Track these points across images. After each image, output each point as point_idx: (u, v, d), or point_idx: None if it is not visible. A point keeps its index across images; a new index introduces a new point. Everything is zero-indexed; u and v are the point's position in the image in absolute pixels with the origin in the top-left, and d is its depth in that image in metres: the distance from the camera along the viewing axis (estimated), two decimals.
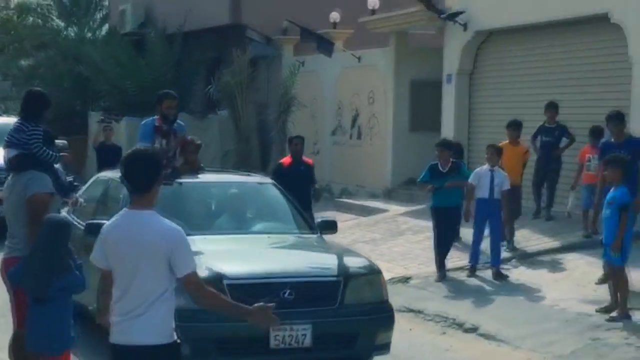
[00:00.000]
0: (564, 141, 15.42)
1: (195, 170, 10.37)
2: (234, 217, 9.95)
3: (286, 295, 7.48)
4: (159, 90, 12.31)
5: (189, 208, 9.62)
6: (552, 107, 15.97)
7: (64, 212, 10.06)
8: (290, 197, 10.59)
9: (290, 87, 25.14)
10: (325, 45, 24.08)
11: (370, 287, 8.15)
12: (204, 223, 9.44)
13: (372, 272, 8.38)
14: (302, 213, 10.19)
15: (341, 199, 22.41)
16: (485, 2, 19.43)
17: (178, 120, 10.63)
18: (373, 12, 24.14)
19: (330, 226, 9.80)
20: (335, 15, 24.99)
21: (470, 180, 13.53)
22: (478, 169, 13.96)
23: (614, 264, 10.44)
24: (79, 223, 9.28)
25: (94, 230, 7.40)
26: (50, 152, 8.08)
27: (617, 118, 13.02)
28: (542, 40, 18.70)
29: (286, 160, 14.61)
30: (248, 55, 25.77)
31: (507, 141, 14.96)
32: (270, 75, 27.36)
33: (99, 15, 35.46)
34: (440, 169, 13.35)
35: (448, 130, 20.65)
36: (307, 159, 14.87)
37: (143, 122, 10.02)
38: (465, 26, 19.87)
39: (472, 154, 20.30)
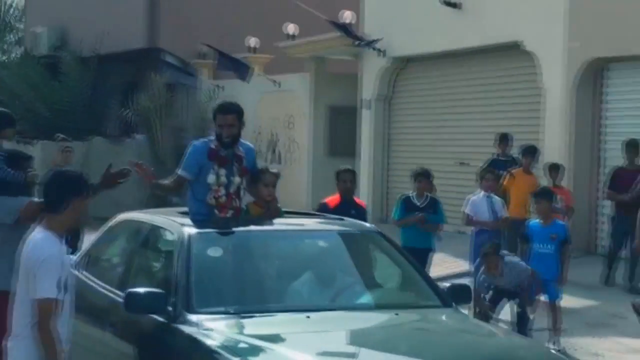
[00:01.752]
0: None
1: (271, 212, 7.17)
2: (341, 286, 6.64)
3: None
4: (74, 113, 11.28)
5: (264, 272, 6.62)
6: (505, 139, 15.18)
7: None
8: (406, 253, 7.61)
9: (208, 111, 25.10)
10: (241, 70, 24.19)
11: None
12: (297, 296, 6.37)
13: None
14: (425, 275, 7.23)
15: None
16: (402, 29, 19.64)
17: (245, 141, 7.35)
18: (292, 37, 24.28)
19: (464, 293, 6.74)
20: (253, 40, 25.13)
21: (467, 210, 12.23)
22: (474, 197, 12.51)
23: (555, 299, 10.30)
24: (104, 288, 6.93)
25: (135, 303, 5.72)
26: (11, 173, 7.29)
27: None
28: (458, 67, 19.01)
29: (333, 200, 10.70)
30: (165, 79, 25.79)
31: (521, 169, 13.92)
32: (188, 100, 27.38)
33: (13, 38, 35.33)
34: (416, 202, 11.53)
35: (365, 155, 20.97)
36: (359, 200, 11.16)
37: (193, 144, 7.27)
38: (383, 53, 20.11)
39: (391, 178, 20.64)
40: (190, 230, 6.42)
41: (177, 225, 6.62)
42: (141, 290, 5.85)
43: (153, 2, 28.71)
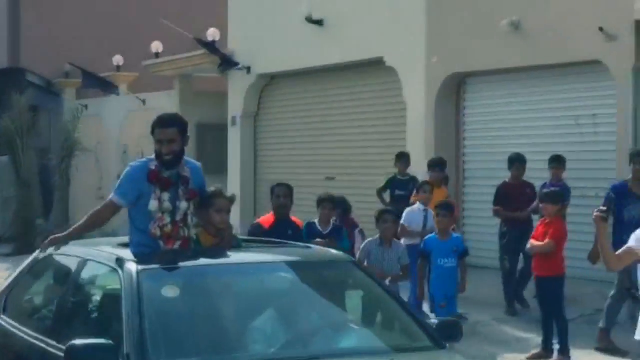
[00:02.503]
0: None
1: (226, 241, 6.43)
2: (315, 329, 5.81)
3: None
4: None
5: (225, 314, 5.72)
6: (402, 158, 14.69)
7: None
8: (385, 285, 7.26)
9: (73, 132, 24.86)
10: (107, 88, 24.48)
11: None
12: (266, 343, 5.49)
13: None
14: (409, 310, 6.25)
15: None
16: (267, 46, 19.76)
17: (190, 160, 6.52)
18: (157, 55, 24.24)
19: (455, 330, 5.91)
20: (118, 59, 25.00)
21: (403, 221, 11.86)
22: (409, 209, 12.28)
23: (457, 313, 10.18)
24: (35, 337, 5.99)
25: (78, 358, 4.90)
26: None
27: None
28: (324, 83, 19.17)
29: (267, 220, 9.87)
30: (27, 99, 25.16)
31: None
32: (52, 120, 27.09)
33: None
34: (320, 229, 10.57)
35: (234, 172, 21.07)
36: (295, 219, 10.16)
37: (130, 165, 6.41)
38: (248, 69, 20.21)
39: (258, 195, 20.61)
40: (138, 266, 5.48)
41: (119, 260, 5.62)
42: (85, 341, 4.87)
43: (15, 21, 28.40)
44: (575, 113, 14.31)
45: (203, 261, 6.05)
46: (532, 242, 10.44)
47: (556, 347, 10.21)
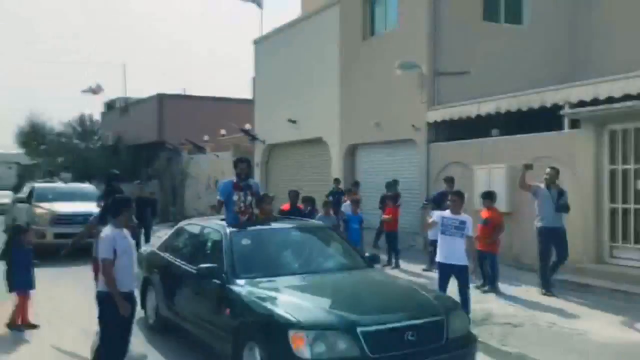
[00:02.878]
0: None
1: (270, 218, 6.93)
2: (315, 258, 6.22)
3: (409, 337, 4.45)
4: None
5: (273, 252, 6.06)
6: (337, 181, 13.87)
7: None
8: (344, 237, 7.69)
9: (186, 169, 25.34)
10: (201, 150, 24.44)
11: (460, 321, 4.92)
12: (293, 265, 5.89)
13: (458, 306, 5.26)
14: (356, 249, 6.81)
15: None
16: (272, 131, 19.53)
17: (253, 179, 7.29)
18: (223, 135, 24.26)
19: (375, 259, 6.52)
20: (206, 137, 24.60)
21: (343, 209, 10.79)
22: (346, 204, 11.02)
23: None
24: (181, 263, 6.44)
25: (203, 273, 5.47)
26: None
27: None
28: (295, 149, 18.58)
29: (285, 206, 9.64)
30: (165, 155, 25.93)
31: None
32: (177, 163, 26.58)
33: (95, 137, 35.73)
34: (303, 212, 9.71)
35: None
36: (300, 206, 9.93)
37: (223, 182, 7.00)
38: (264, 142, 20.24)
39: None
40: (230, 229, 6.00)
41: (222, 226, 6.13)
42: (205, 265, 5.44)
43: (160, 112, 28.67)
44: (404, 162, 14.14)
45: (259, 227, 6.40)
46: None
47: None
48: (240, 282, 5.20)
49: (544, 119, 10.69)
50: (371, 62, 14.94)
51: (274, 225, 6.67)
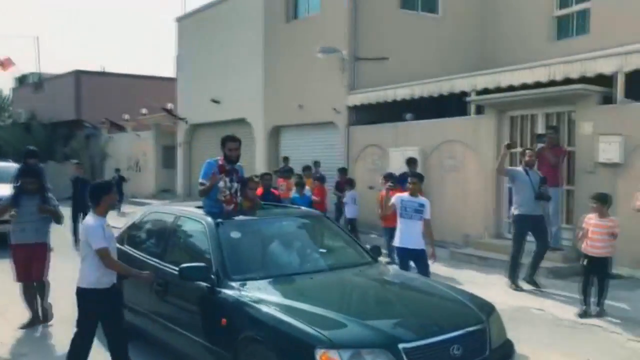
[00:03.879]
0: None
1: (256, 205, 5.71)
2: (316, 252, 5.23)
3: (454, 351, 3.61)
4: None
5: (269, 246, 5.00)
6: (285, 160, 13.83)
7: None
8: (340, 226, 6.55)
9: (104, 148, 24.84)
10: (122, 129, 24.03)
11: (498, 327, 4.13)
12: (293, 261, 4.88)
13: (494, 310, 4.27)
14: (358, 242, 5.61)
15: None
16: (195, 111, 19.39)
17: (238, 163, 5.73)
18: (144, 114, 23.36)
19: (377, 251, 5.45)
20: (126, 116, 24.18)
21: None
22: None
23: None
24: (151, 260, 5.19)
25: (187, 274, 4.34)
26: None
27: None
28: (218, 129, 16.40)
29: (259, 191, 7.75)
30: (84, 134, 25.29)
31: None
32: (95, 143, 26.20)
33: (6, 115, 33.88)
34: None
35: (179, 168, 20.51)
36: (274, 190, 9.16)
37: (207, 161, 5.64)
38: (186, 121, 20.01)
39: (193, 179, 20.00)
40: (214, 219, 4.85)
41: (202, 216, 5.00)
42: (190, 265, 4.33)
43: (78, 90, 27.72)
44: (325, 144, 14.55)
45: (247, 217, 5.26)
46: None
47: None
48: (234, 284, 4.17)
49: (457, 104, 11.37)
50: (294, 44, 15.16)
51: (264, 214, 5.57)
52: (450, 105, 11.72)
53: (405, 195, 6.58)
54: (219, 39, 18.16)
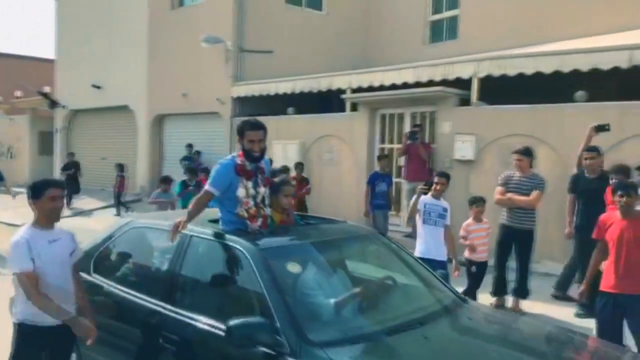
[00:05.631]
0: None
1: (291, 217, 4.08)
2: (396, 293, 3.58)
3: None
4: None
5: (334, 284, 3.37)
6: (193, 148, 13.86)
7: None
8: (402, 247, 4.20)
9: None
10: None
11: None
12: (376, 310, 3.33)
13: None
14: (427, 269, 4.02)
15: None
16: (75, 96, 18.71)
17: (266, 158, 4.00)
18: (18, 97, 22.29)
19: (447, 280, 4.27)
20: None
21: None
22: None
23: None
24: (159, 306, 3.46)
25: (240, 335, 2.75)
26: None
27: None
28: (99, 115, 18.14)
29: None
30: None
31: None
32: None
33: None
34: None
35: (57, 154, 19.53)
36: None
37: (220, 163, 3.86)
38: (65, 107, 19.27)
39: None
40: (253, 243, 3.28)
41: (237, 238, 3.36)
42: (247, 321, 2.78)
43: None
44: (210, 134, 14.43)
45: (301, 240, 3.65)
46: None
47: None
48: (319, 352, 2.68)
49: (339, 101, 11.76)
50: (179, 32, 15.03)
51: (310, 233, 3.85)
52: (336, 102, 12.09)
53: (427, 198, 5.63)
54: (102, 21, 17.68)
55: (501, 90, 9.20)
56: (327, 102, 12.67)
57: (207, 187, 3.74)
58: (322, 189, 11.61)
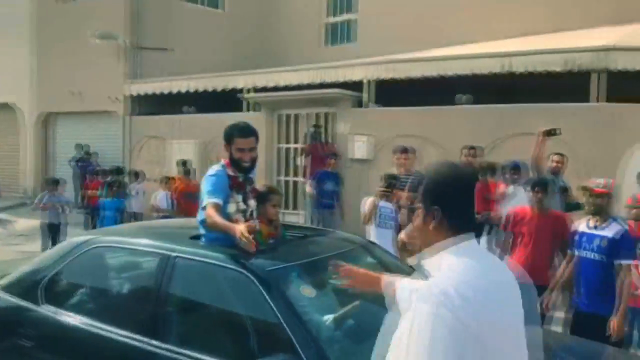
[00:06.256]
0: None
1: (279, 230, 3.47)
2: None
3: None
4: None
5: (349, 311, 2.64)
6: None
7: None
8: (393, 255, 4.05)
9: None
10: None
11: None
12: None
13: None
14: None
15: None
16: None
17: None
18: None
19: None
20: None
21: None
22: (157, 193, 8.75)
23: None
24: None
25: None
26: None
27: None
28: None
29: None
30: None
31: None
32: None
33: None
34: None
35: None
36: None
37: (212, 174, 3.22)
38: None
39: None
40: (263, 264, 2.76)
41: (239, 260, 2.77)
42: None
43: None
44: (105, 134, 14.02)
45: (306, 256, 3.12)
46: None
47: None
48: None
49: (238, 100, 12.06)
50: (69, 26, 14.40)
51: (311, 249, 3.39)
52: (235, 101, 12.24)
53: (381, 200, 5.68)
54: None
55: (399, 92, 9.65)
56: (233, 101, 12.64)
57: (209, 200, 3.04)
58: None
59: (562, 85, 8.00)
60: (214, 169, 3.28)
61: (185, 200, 8.31)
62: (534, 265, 4.57)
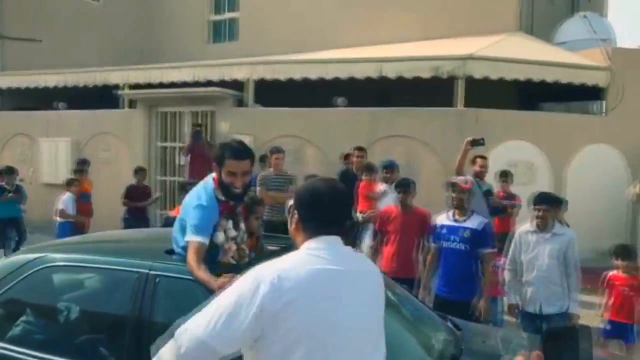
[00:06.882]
0: None
1: (259, 244, 3.20)
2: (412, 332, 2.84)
3: None
4: None
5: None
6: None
7: None
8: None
9: None
10: None
11: None
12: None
13: None
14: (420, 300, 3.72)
15: None
16: None
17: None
18: None
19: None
20: None
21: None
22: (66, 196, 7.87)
23: None
24: None
25: None
26: None
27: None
28: None
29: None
30: None
31: None
32: None
33: None
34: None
35: None
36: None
37: (204, 205, 2.70)
38: None
39: None
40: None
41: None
42: None
43: None
44: None
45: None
46: None
47: None
48: None
49: (114, 97, 11.67)
50: None
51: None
52: (112, 97, 11.79)
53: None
54: None
55: (279, 92, 9.80)
56: (110, 98, 12.16)
57: (193, 238, 2.64)
58: (99, 188, 11.09)
59: (430, 90, 8.57)
60: (203, 196, 2.78)
61: (83, 202, 8.14)
62: (401, 261, 4.89)
